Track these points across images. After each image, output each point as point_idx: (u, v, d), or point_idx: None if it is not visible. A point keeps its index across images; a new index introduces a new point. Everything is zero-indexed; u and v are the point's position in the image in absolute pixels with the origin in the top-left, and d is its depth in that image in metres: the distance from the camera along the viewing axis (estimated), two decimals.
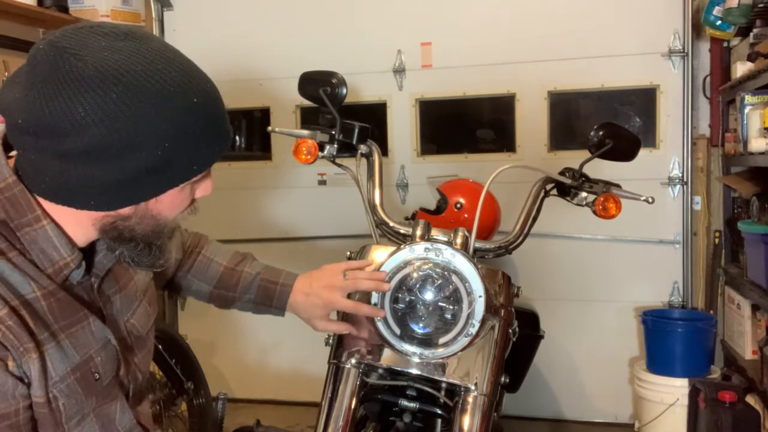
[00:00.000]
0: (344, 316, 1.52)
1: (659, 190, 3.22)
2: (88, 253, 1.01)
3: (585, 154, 1.67)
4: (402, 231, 1.66)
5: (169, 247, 1.05)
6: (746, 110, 2.61)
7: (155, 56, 0.89)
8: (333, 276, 1.37)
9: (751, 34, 2.75)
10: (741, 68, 2.76)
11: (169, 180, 0.94)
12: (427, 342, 1.40)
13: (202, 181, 1.01)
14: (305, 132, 1.68)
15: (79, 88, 0.84)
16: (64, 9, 3.07)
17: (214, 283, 1.42)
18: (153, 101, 0.87)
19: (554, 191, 1.73)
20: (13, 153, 0.97)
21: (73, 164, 0.88)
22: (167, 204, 0.97)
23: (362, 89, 3.47)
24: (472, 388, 1.43)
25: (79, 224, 0.97)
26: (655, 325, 2.98)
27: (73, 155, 0.87)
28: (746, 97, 2.63)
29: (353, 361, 1.47)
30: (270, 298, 1.41)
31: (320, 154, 1.68)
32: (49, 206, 0.95)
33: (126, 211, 0.95)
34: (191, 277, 1.42)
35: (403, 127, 3.50)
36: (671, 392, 2.85)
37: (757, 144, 2.51)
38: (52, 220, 0.95)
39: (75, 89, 0.84)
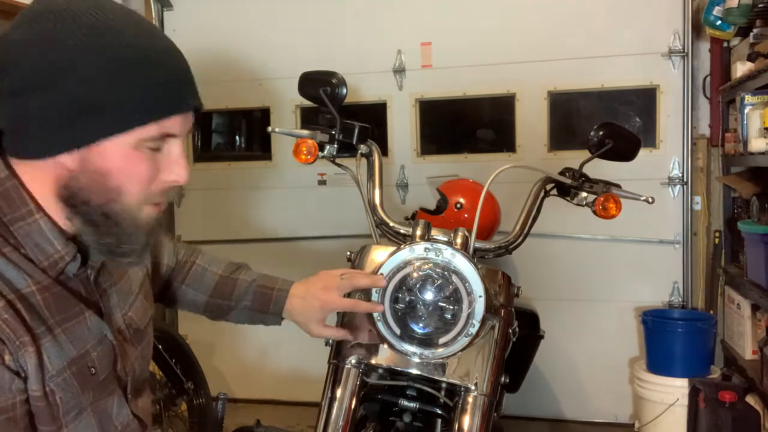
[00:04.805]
0: (342, 322, 1.51)
1: (659, 190, 3.22)
2: (84, 245, 1.01)
3: (585, 154, 1.67)
4: (402, 231, 1.66)
5: (144, 240, 0.99)
6: (746, 110, 2.61)
7: (108, 1, 0.93)
8: (330, 278, 1.37)
9: (751, 34, 2.75)
10: (741, 68, 2.76)
11: (107, 123, 0.90)
12: (427, 342, 1.40)
13: (167, 157, 0.96)
14: (305, 132, 1.68)
15: (25, 23, 0.90)
16: None
17: (209, 293, 1.41)
18: (92, 33, 0.89)
19: (554, 191, 1.73)
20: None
21: (18, 100, 0.90)
22: (116, 163, 0.92)
23: (362, 89, 3.47)
24: (472, 388, 1.43)
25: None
26: (655, 325, 2.98)
27: (17, 90, 0.89)
28: (746, 97, 2.63)
29: (353, 361, 1.47)
30: (267, 304, 1.40)
31: (320, 154, 1.67)
32: (40, 197, 0.95)
33: (71, 163, 0.92)
34: (186, 287, 1.41)
35: (403, 127, 3.50)
36: (671, 392, 2.85)
37: (757, 144, 2.51)
38: (45, 214, 0.96)
39: (22, 25, 0.90)
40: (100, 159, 0.92)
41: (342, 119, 1.66)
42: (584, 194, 1.64)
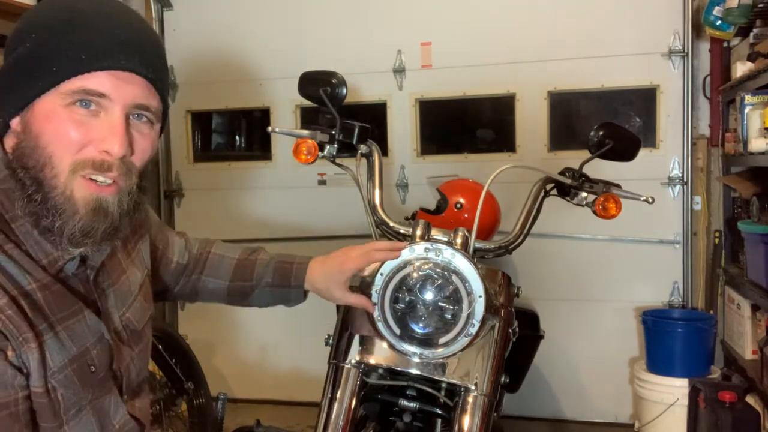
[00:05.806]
0: (343, 318, 1.51)
1: (659, 190, 3.22)
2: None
3: (585, 154, 1.67)
4: (402, 231, 1.66)
5: (88, 225, 0.94)
6: (746, 110, 2.61)
7: None
8: (348, 250, 1.38)
9: (751, 34, 2.75)
10: (741, 68, 2.76)
11: (37, 81, 0.93)
12: (427, 342, 1.40)
13: (103, 124, 0.94)
14: (305, 132, 1.68)
15: None
16: None
17: (229, 278, 1.43)
18: (45, 3, 0.99)
19: (554, 191, 1.73)
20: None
21: None
22: (47, 123, 0.93)
23: (362, 89, 3.47)
24: (472, 388, 1.43)
25: None
26: (655, 325, 2.98)
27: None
28: (746, 97, 2.63)
29: (353, 361, 1.47)
30: (288, 278, 1.42)
31: (320, 154, 1.67)
32: None
33: (17, 128, 0.96)
34: (205, 277, 1.43)
35: (403, 127, 3.50)
36: (671, 392, 2.85)
37: (757, 144, 2.51)
38: None
39: None
40: (35, 120, 0.94)
41: (342, 119, 1.66)
42: (584, 194, 1.64)
